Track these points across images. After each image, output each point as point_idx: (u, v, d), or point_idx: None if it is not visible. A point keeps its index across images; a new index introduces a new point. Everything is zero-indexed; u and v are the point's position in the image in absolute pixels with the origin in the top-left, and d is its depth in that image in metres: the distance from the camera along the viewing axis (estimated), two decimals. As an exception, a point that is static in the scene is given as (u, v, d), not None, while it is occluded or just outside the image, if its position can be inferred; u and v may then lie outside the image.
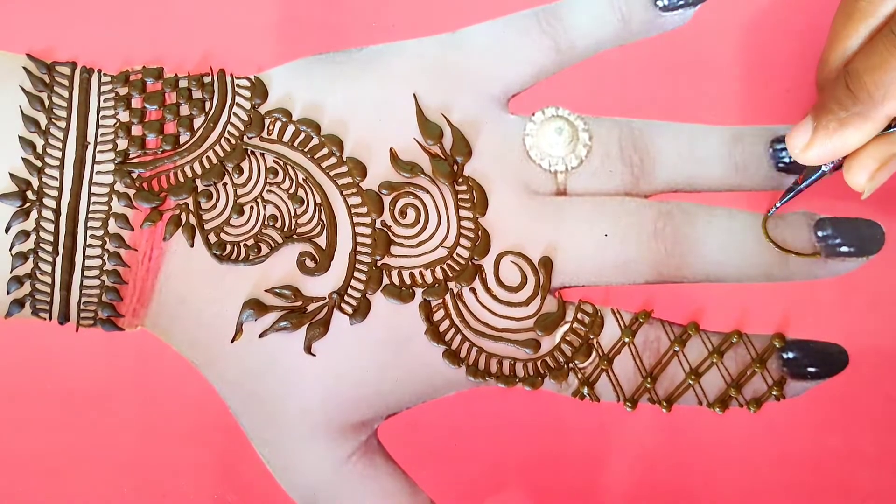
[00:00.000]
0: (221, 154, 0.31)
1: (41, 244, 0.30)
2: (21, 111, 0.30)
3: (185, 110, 0.32)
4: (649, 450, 0.30)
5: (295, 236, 0.30)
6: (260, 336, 0.30)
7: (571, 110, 0.32)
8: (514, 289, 0.31)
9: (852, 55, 0.26)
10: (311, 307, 0.30)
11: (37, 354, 0.31)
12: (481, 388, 0.30)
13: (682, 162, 0.32)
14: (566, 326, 0.30)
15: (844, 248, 0.31)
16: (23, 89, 0.31)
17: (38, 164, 0.30)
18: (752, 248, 0.31)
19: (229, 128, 0.31)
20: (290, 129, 0.32)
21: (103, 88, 0.31)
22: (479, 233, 0.31)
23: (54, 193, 0.30)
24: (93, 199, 0.30)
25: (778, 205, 0.30)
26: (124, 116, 0.31)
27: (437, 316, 0.30)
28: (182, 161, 0.31)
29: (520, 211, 0.31)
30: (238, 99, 0.32)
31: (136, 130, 0.31)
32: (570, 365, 0.30)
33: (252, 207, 0.31)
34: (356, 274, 0.30)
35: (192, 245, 0.30)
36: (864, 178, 0.27)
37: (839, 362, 0.30)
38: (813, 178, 0.29)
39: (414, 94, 0.32)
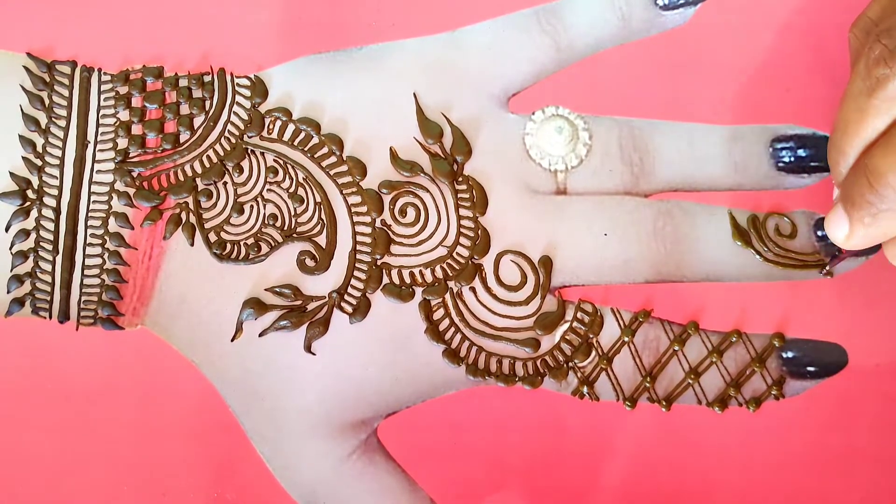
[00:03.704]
0: (221, 153, 0.31)
1: (41, 243, 0.30)
2: (21, 110, 0.30)
3: (185, 109, 0.32)
4: (648, 448, 0.30)
5: (295, 235, 0.31)
6: (260, 335, 0.30)
7: (571, 109, 0.32)
8: (513, 288, 0.31)
9: (870, 146, 0.25)
10: (310, 306, 0.30)
11: (36, 353, 0.31)
12: (481, 386, 0.30)
13: (682, 161, 0.32)
14: (566, 325, 0.30)
15: (844, 248, 0.31)
16: (23, 88, 0.31)
17: (39, 162, 0.30)
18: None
19: (229, 127, 0.31)
20: (291, 128, 0.32)
21: (103, 87, 0.31)
22: (479, 232, 0.31)
23: (54, 192, 0.30)
24: (93, 197, 0.30)
25: (828, 268, 0.31)
26: (124, 115, 0.31)
27: (437, 315, 0.30)
28: (182, 160, 0.31)
29: (520, 210, 0.31)
30: (238, 98, 0.32)
31: (137, 129, 0.31)
32: (570, 364, 0.30)
33: (252, 206, 0.31)
34: (356, 273, 0.30)
35: (192, 244, 0.30)
36: None
37: (838, 362, 0.31)
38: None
39: (414, 93, 0.32)
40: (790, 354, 0.31)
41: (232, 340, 0.30)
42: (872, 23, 0.26)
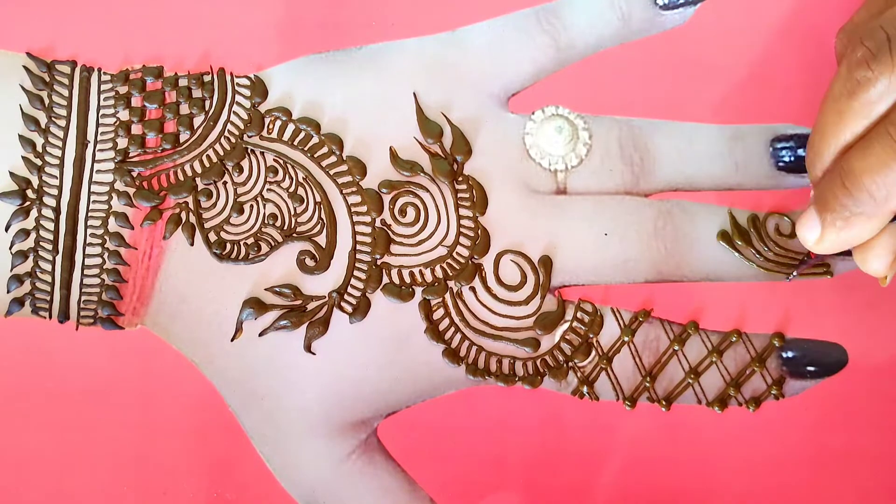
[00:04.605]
0: (221, 153, 0.31)
1: (41, 243, 0.30)
2: (21, 110, 0.30)
3: (184, 109, 0.32)
4: (648, 448, 0.30)
5: (295, 235, 0.31)
6: (260, 335, 0.30)
7: (571, 109, 0.32)
8: (513, 287, 0.31)
9: (846, 148, 0.25)
10: (310, 306, 0.30)
11: (36, 353, 0.31)
12: (481, 386, 0.30)
13: (682, 160, 0.32)
14: (566, 325, 0.30)
15: (844, 248, 0.31)
16: (23, 88, 0.31)
17: (38, 162, 0.30)
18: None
19: (229, 126, 0.31)
20: (290, 127, 0.32)
21: (103, 87, 0.31)
22: (479, 231, 0.31)
23: (54, 192, 0.30)
24: (93, 197, 0.30)
25: (795, 273, 0.31)
26: (124, 115, 0.31)
27: (437, 314, 0.30)
28: (182, 160, 0.31)
29: (520, 210, 0.31)
30: (238, 98, 0.32)
31: (136, 129, 0.31)
32: (570, 364, 0.30)
33: (252, 206, 0.31)
34: (356, 273, 0.30)
35: (192, 244, 0.30)
36: (881, 268, 0.26)
37: (838, 361, 0.31)
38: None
39: (414, 93, 0.32)
40: (790, 354, 0.31)
41: (232, 340, 0.30)
42: (858, 27, 0.26)
